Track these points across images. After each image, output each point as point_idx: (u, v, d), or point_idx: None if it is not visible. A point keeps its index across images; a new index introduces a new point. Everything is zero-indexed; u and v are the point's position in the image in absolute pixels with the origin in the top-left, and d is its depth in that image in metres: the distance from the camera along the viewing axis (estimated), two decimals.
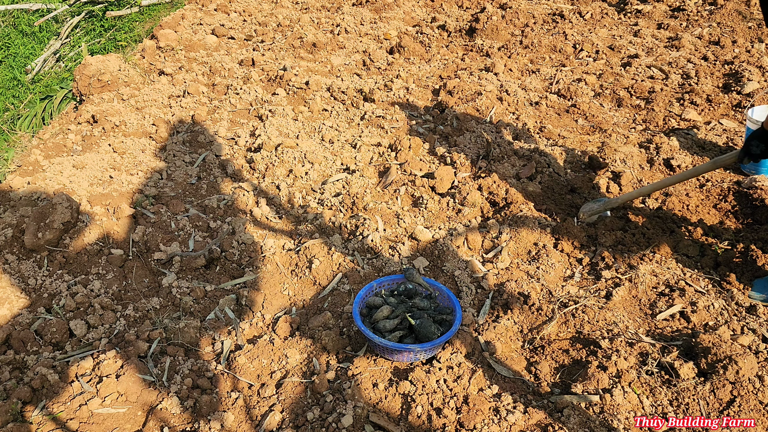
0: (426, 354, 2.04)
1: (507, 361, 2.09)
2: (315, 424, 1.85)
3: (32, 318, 2.28)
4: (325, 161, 3.32)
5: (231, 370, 2.08)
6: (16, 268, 2.49)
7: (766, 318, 2.15)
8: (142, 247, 2.66)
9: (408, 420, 1.85)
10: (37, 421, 1.89)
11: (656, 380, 1.92)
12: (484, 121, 3.68)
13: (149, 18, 6.00)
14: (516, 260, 2.53)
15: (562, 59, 4.55)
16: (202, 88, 4.20)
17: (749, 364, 1.86)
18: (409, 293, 2.26)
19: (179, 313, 2.36)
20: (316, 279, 2.51)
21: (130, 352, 2.11)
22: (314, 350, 2.13)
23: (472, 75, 4.38)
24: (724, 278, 2.36)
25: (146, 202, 2.96)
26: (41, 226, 2.55)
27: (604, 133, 3.55)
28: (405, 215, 2.83)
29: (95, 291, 2.42)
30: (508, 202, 2.82)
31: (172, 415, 1.93)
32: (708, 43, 4.58)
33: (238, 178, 3.27)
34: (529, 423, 1.81)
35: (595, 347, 2.07)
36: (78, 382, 2.01)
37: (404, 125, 3.73)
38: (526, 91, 4.08)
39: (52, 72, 5.77)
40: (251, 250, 2.65)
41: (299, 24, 5.33)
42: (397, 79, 4.33)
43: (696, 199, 2.81)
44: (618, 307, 2.26)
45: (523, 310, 2.26)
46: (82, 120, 3.84)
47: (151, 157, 3.42)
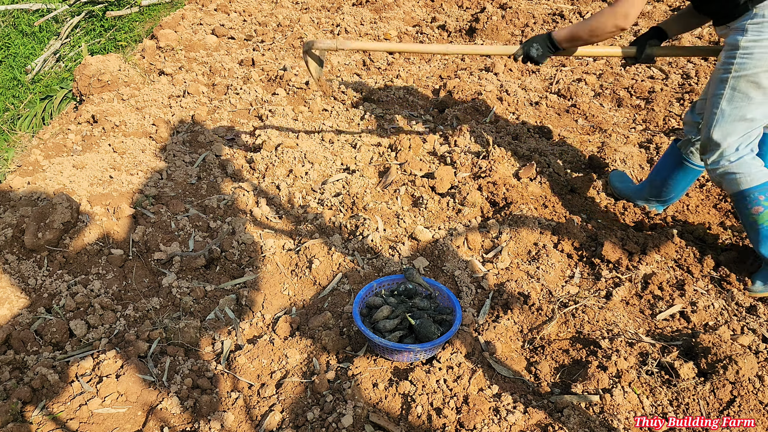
0: (426, 354, 2.04)
1: (507, 361, 2.09)
2: (315, 424, 1.85)
3: (32, 318, 2.29)
4: (325, 161, 3.32)
5: (231, 370, 2.08)
6: (16, 268, 2.49)
7: (766, 318, 2.15)
8: (142, 247, 2.66)
9: (408, 420, 1.85)
10: (37, 421, 1.89)
11: (656, 380, 1.92)
12: (484, 121, 3.68)
13: (149, 18, 6.00)
14: (516, 260, 2.53)
15: (562, 59, 4.55)
16: (202, 88, 4.20)
17: (749, 364, 1.86)
18: (409, 293, 2.26)
19: (179, 313, 2.36)
20: (316, 279, 2.51)
21: (130, 352, 2.11)
22: (314, 350, 2.13)
23: (472, 75, 4.38)
24: (724, 278, 2.36)
25: (146, 202, 2.96)
26: (41, 226, 2.55)
27: (604, 133, 3.55)
28: (405, 215, 2.83)
29: (95, 291, 2.42)
30: (508, 202, 2.82)
31: (172, 415, 1.93)
32: (708, 43, 4.58)
33: (238, 178, 3.27)
34: (529, 423, 1.81)
35: (595, 347, 2.07)
36: (78, 382, 2.01)
37: (404, 125, 3.73)
38: (526, 91, 4.08)
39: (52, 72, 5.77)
40: (251, 250, 2.65)
41: (299, 24, 5.33)
42: (397, 79, 4.33)
43: (696, 199, 2.81)
44: (618, 307, 2.26)
45: (523, 310, 2.26)
46: (82, 120, 3.84)
47: (151, 157, 3.42)
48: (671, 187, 2.65)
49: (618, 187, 2.90)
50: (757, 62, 2.00)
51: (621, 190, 2.89)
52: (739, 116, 2.08)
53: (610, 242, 2.50)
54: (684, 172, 2.58)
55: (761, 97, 2.03)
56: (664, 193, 2.69)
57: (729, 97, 2.08)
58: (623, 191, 2.87)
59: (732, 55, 2.05)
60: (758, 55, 1.99)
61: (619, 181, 2.93)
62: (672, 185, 2.63)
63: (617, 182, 2.93)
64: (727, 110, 2.09)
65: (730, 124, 2.10)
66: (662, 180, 2.65)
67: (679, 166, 2.58)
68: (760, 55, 1.99)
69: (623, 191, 2.87)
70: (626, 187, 2.88)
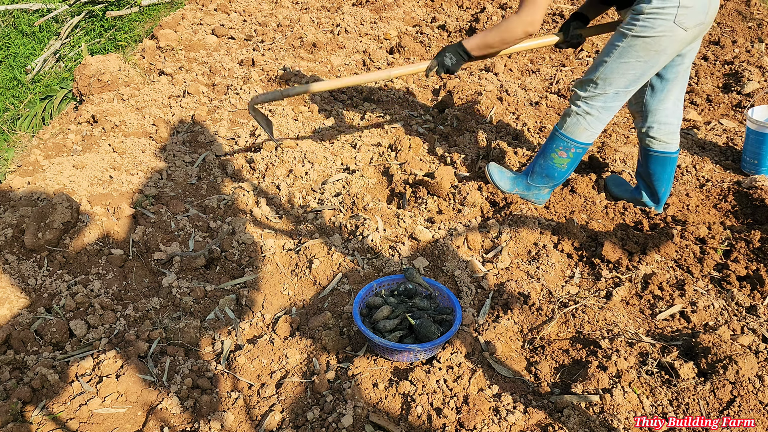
0: (426, 354, 2.04)
1: (507, 361, 2.09)
2: (315, 424, 1.85)
3: (32, 318, 2.29)
4: (325, 161, 3.32)
5: (231, 370, 2.08)
6: (16, 268, 2.49)
7: (766, 318, 2.15)
8: (142, 247, 2.66)
9: (408, 420, 1.85)
10: (37, 421, 1.89)
11: (656, 380, 1.92)
12: (484, 121, 3.68)
13: (149, 18, 6.00)
14: (516, 260, 2.53)
15: (562, 59, 4.55)
16: (202, 88, 4.20)
17: (749, 364, 1.86)
18: (409, 293, 2.26)
19: (179, 313, 2.36)
20: (316, 279, 2.51)
21: (130, 352, 2.11)
22: (314, 350, 2.13)
23: (472, 75, 4.38)
24: (724, 278, 2.36)
25: (146, 202, 2.96)
26: (41, 226, 2.55)
27: (604, 133, 3.55)
28: (405, 215, 2.83)
29: (95, 291, 2.42)
30: (508, 202, 2.82)
31: (172, 415, 1.93)
32: (708, 43, 4.58)
33: (238, 178, 3.27)
34: (529, 423, 1.81)
35: (595, 347, 2.07)
36: (78, 382, 2.01)
37: (404, 125, 3.73)
38: (526, 91, 4.08)
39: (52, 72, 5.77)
40: (251, 250, 2.65)
41: (299, 24, 5.33)
42: (397, 79, 4.33)
43: (696, 199, 2.81)
44: (618, 307, 2.26)
45: (523, 310, 2.26)
46: (82, 120, 3.84)
47: (151, 157, 3.42)
48: (656, 181, 2.72)
49: (615, 192, 2.92)
50: (656, 29, 2.18)
51: (618, 194, 2.90)
52: (623, 71, 2.31)
53: (610, 242, 2.50)
54: (656, 162, 2.65)
55: (644, 63, 2.28)
56: (654, 190, 2.76)
57: (621, 52, 2.29)
58: (621, 195, 2.89)
59: (636, 18, 2.23)
60: (659, 22, 2.17)
61: (615, 185, 2.95)
62: (655, 179, 2.71)
63: (613, 186, 2.95)
64: (616, 63, 2.31)
65: (612, 74, 2.34)
66: (646, 176, 2.74)
67: (649, 158, 2.67)
68: (660, 23, 2.17)
69: (621, 195, 2.89)
70: (624, 191, 2.89)
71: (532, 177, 2.72)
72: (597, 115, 2.46)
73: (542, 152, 2.65)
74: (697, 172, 3.08)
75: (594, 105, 2.44)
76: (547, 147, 2.63)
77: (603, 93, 2.40)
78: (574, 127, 2.51)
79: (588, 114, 2.46)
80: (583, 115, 2.47)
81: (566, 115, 2.53)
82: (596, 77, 2.39)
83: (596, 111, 2.45)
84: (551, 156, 2.61)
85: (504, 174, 2.83)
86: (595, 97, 2.42)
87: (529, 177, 2.73)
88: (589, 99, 2.44)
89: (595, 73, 2.40)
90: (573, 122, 2.50)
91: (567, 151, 2.56)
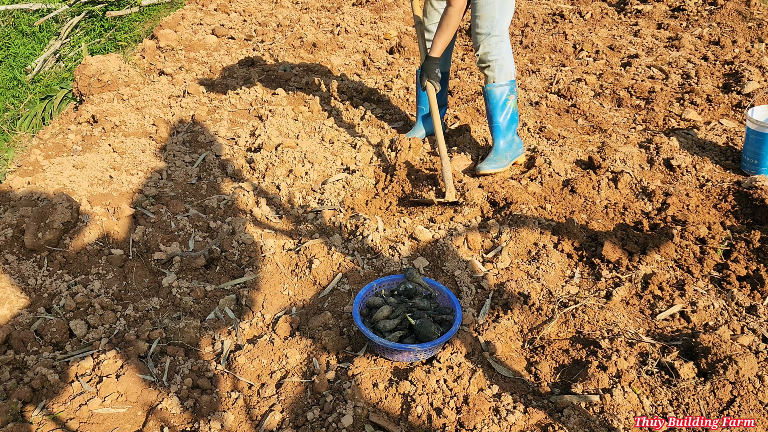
0: (426, 354, 2.04)
1: (507, 361, 2.09)
2: (315, 424, 1.85)
3: (32, 318, 2.29)
4: (325, 161, 3.32)
5: (231, 370, 2.08)
6: (16, 268, 2.49)
7: (766, 318, 2.15)
8: (142, 247, 2.66)
9: (408, 420, 1.85)
10: (37, 421, 1.89)
11: (656, 380, 1.92)
12: (484, 121, 3.67)
13: (149, 18, 6.01)
14: (516, 260, 2.53)
15: (562, 59, 4.55)
16: (202, 88, 4.20)
17: (749, 364, 1.86)
18: (409, 293, 2.26)
19: (179, 313, 2.36)
20: (316, 279, 2.51)
21: (130, 352, 2.11)
22: (314, 350, 2.13)
23: (472, 75, 4.38)
24: (724, 278, 2.36)
25: (146, 202, 2.96)
26: (41, 226, 2.55)
27: (604, 133, 3.55)
28: (405, 215, 2.83)
29: (95, 291, 2.42)
30: (508, 202, 2.82)
31: (172, 415, 1.93)
32: (708, 43, 4.58)
33: (238, 178, 3.27)
34: (529, 423, 1.81)
35: (595, 347, 2.07)
36: (78, 382, 2.01)
37: (404, 125, 3.73)
38: (526, 91, 4.08)
39: (52, 72, 5.77)
40: (251, 250, 2.65)
41: (299, 24, 5.33)
42: (397, 79, 4.33)
43: (696, 199, 2.81)
44: (618, 307, 2.26)
45: (523, 310, 2.26)
46: (82, 120, 3.84)
47: (151, 157, 3.42)
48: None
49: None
50: None
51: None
52: (505, 14, 2.94)
53: (610, 242, 2.50)
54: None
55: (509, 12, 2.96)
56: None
57: (500, 4, 2.89)
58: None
59: None
60: None
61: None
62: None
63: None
64: (500, 13, 2.91)
65: (501, 22, 2.93)
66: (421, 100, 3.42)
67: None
68: None
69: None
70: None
71: (506, 134, 3.12)
72: (508, 52, 3.01)
73: (498, 111, 3.07)
74: (697, 172, 3.08)
75: (502, 48, 2.98)
76: (498, 105, 3.06)
77: (500, 37, 2.97)
78: (505, 70, 3.02)
79: (501, 57, 3.00)
80: (499, 59, 3.00)
81: (490, 71, 3.01)
82: (495, 31, 2.92)
83: (505, 50, 3.01)
84: (507, 106, 3.07)
85: (493, 160, 3.12)
86: (501, 43, 2.96)
87: (503, 137, 3.12)
88: (495, 47, 2.96)
89: (492, 29, 2.92)
90: (499, 69, 3.00)
91: (513, 93, 3.07)
